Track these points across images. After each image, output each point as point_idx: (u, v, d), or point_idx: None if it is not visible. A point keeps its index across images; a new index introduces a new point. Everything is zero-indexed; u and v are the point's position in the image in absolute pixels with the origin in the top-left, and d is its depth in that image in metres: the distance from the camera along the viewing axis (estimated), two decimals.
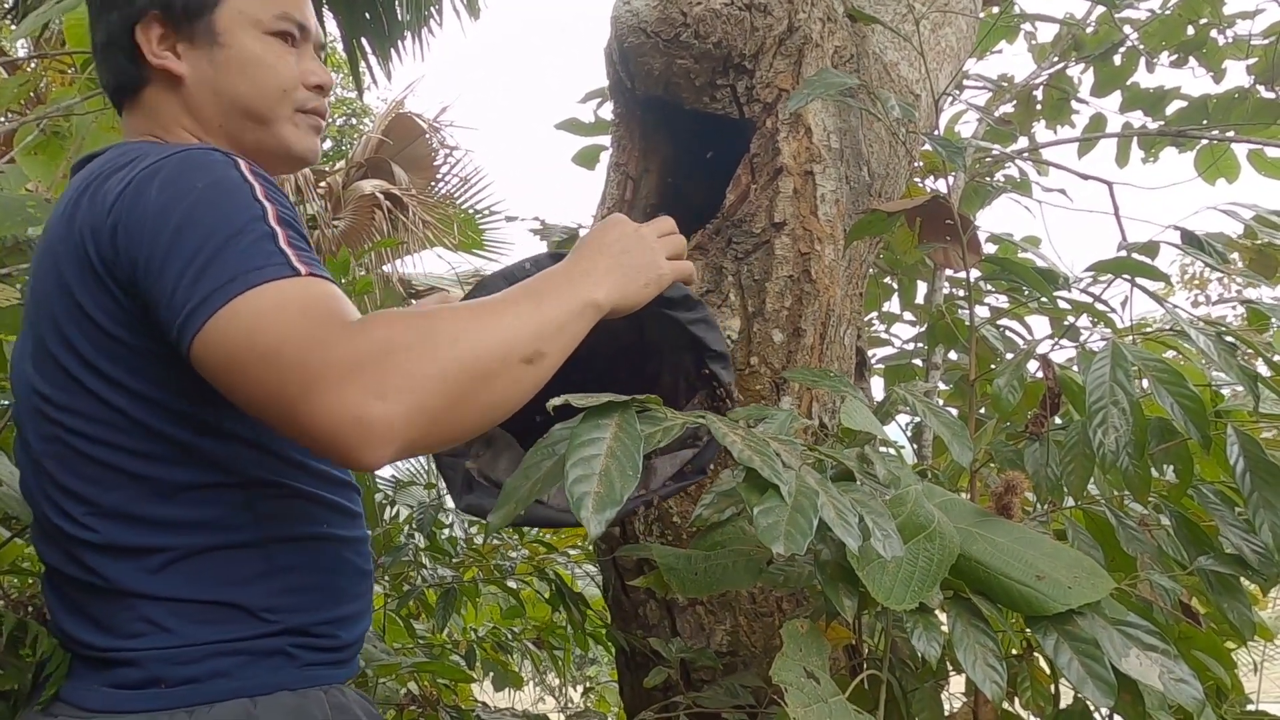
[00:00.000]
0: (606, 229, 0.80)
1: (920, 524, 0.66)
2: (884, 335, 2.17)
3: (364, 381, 0.61)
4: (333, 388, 0.60)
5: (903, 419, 1.76)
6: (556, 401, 0.61)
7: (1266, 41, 2.16)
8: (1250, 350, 0.89)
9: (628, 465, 0.56)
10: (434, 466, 1.92)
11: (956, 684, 1.02)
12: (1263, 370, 1.01)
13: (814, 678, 0.64)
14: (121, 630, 0.70)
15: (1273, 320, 1.04)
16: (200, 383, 0.68)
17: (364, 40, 3.90)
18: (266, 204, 0.69)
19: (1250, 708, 1.00)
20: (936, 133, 1.56)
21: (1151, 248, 1.05)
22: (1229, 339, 0.81)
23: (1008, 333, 1.64)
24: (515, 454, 0.90)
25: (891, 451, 0.72)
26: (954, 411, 1.68)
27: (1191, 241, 1.04)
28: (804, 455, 0.67)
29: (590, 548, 1.79)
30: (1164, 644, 0.65)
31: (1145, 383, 0.85)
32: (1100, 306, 1.20)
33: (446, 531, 1.82)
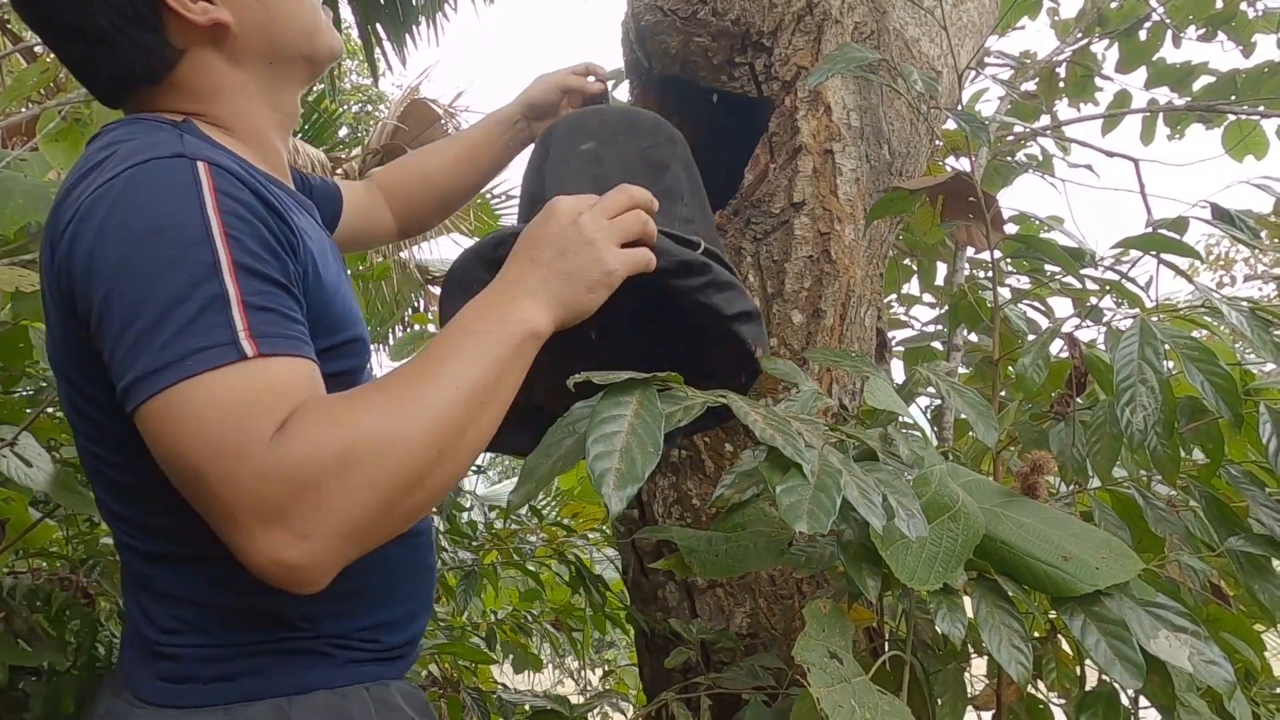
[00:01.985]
0: (542, 224, 0.71)
1: (944, 504, 0.65)
2: (903, 317, 2.15)
3: (283, 524, 0.57)
4: (251, 531, 0.57)
5: (923, 401, 1.75)
6: (579, 378, 0.59)
7: None
8: None
9: (649, 443, 0.55)
10: None
11: (978, 666, 1.01)
12: None
13: (837, 658, 0.64)
14: (162, 625, 0.70)
15: None
16: None
17: (379, 26, 3.90)
18: (222, 246, 0.61)
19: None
20: (959, 109, 1.54)
21: (1181, 224, 1.03)
22: (1261, 315, 0.79)
23: (1030, 313, 1.62)
24: (554, 380, 0.83)
25: (915, 433, 0.71)
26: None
27: (1222, 216, 1.02)
28: (826, 435, 0.66)
29: (609, 531, 1.79)
30: (1194, 625, 0.64)
31: (1172, 363, 0.84)
32: (1133, 283, 1.17)
33: (466, 515, 1.83)
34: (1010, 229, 1.82)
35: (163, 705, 0.68)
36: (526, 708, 1.09)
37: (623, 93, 1.52)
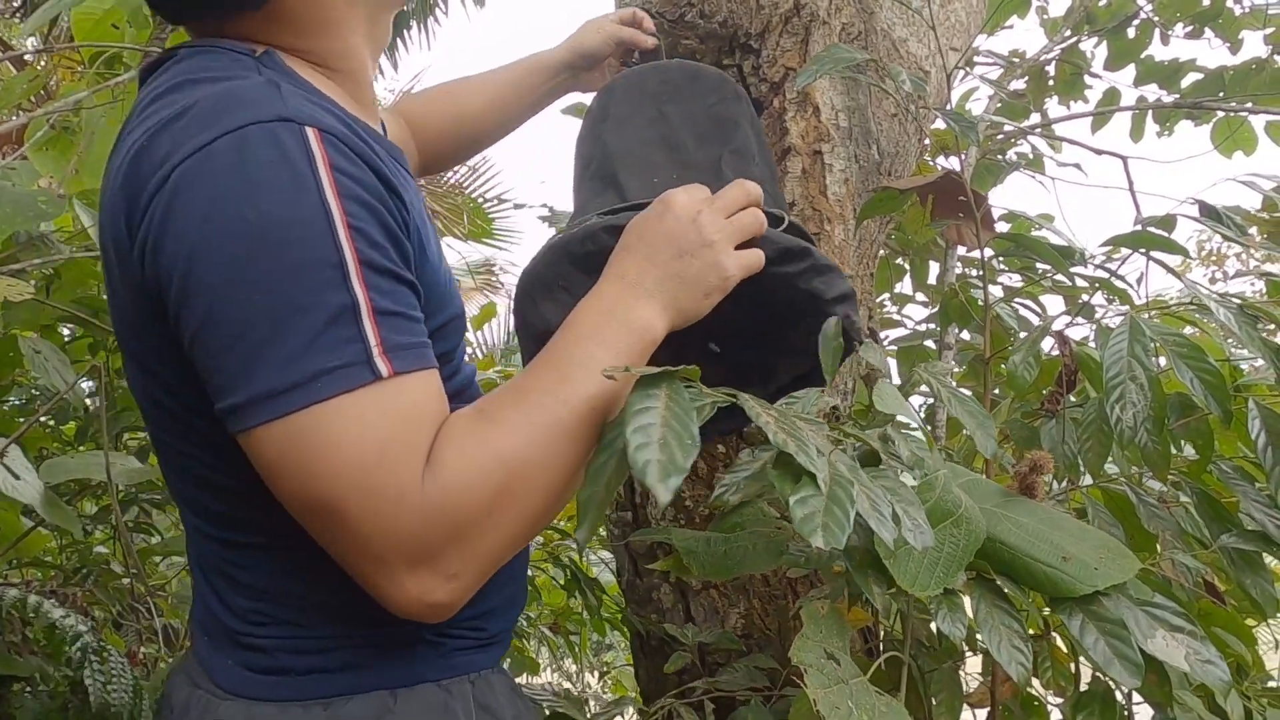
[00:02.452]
0: (658, 220, 0.67)
1: (948, 509, 0.65)
2: (896, 316, 2.15)
3: (433, 566, 0.53)
4: (397, 574, 0.53)
5: (915, 400, 1.75)
6: (610, 370, 0.57)
7: None
8: (1273, 324, 0.88)
9: (685, 435, 0.52)
10: None
11: (973, 664, 1.01)
12: None
13: (834, 659, 0.63)
14: (245, 615, 0.64)
15: None
16: None
17: None
18: (347, 241, 0.53)
19: (1272, 684, 0.99)
20: (948, 109, 1.54)
21: (1169, 221, 1.03)
22: (1250, 312, 0.79)
23: (1022, 311, 1.63)
24: None
25: (918, 434, 0.71)
26: (965, 392, 1.66)
27: (1210, 214, 1.03)
28: (831, 437, 0.65)
29: (604, 533, 1.79)
30: (1190, 625, 0.64)
31: (1163, 360, 0.84)
32: (1122, 280, 1.18)
33: None
34: (1001, 227, 1.83)
35: (253, 698, 0.62)
36: (545, 709, 1.08)
37: None
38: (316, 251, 0.52)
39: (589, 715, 1.02)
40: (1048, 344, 1.02)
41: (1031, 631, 0.93)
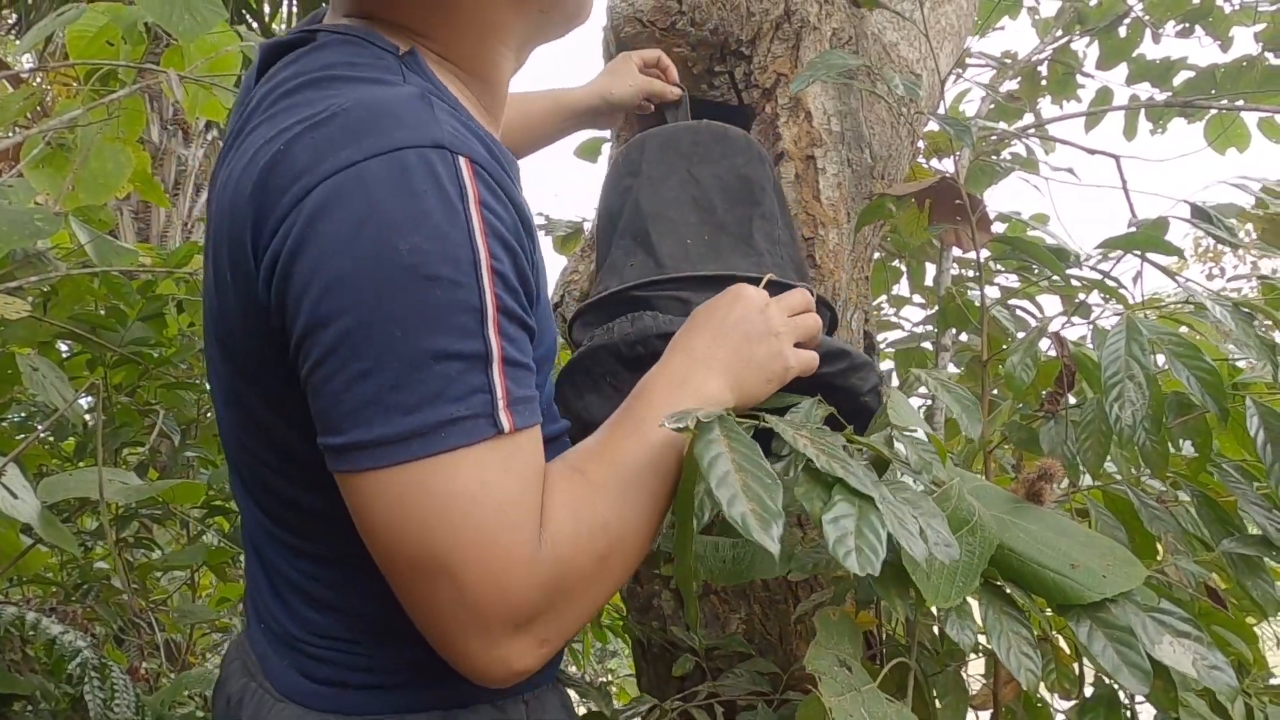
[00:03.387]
0: (729, 306, 0.68)
1: (963, 518, 0.64)
2: (894, 319, 2.16)
3: (530, 631, 0.52)
4: (496, 638, 0.51)
5: (914, 402, 1.75)
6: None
7: (1274, 8, 2.12)
8: (1269, 322, 0.88)
9: (761, 474, 0.51)
10: None
11: (975, 666, 1.01)
12: None
13: (846, 666, 0.63)
14: (309, 626, 0.63)
15: None
16: None
17: None
18: (489, 286, 0.51)
19: (1274, 681, 0.99)
20: (942, 112, 1.55)
21: (1162, 223, 1.04)
22: (1245, 310, 0.79)
23: (1019, 312, 1.63)
24: None
25: (922, 437, 0.70)
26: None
27: (1201, 216, 1.03)
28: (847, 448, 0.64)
29: None
30: (1197, 630, 0.63)
31: (1161, 359, 0.84)
32: (1111, 283, 1.18)
33: None
34: (998, 228, 1.83)
35: (309, 707, 0.61)
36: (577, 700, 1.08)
37: None
38: (462, 295, 0.50)
39: (612, 713, 1.01)
40: (1046, 345, 1.02)
41: (1036, 633, 0.93)
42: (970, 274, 1.95)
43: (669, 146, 0.93)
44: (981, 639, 0.99)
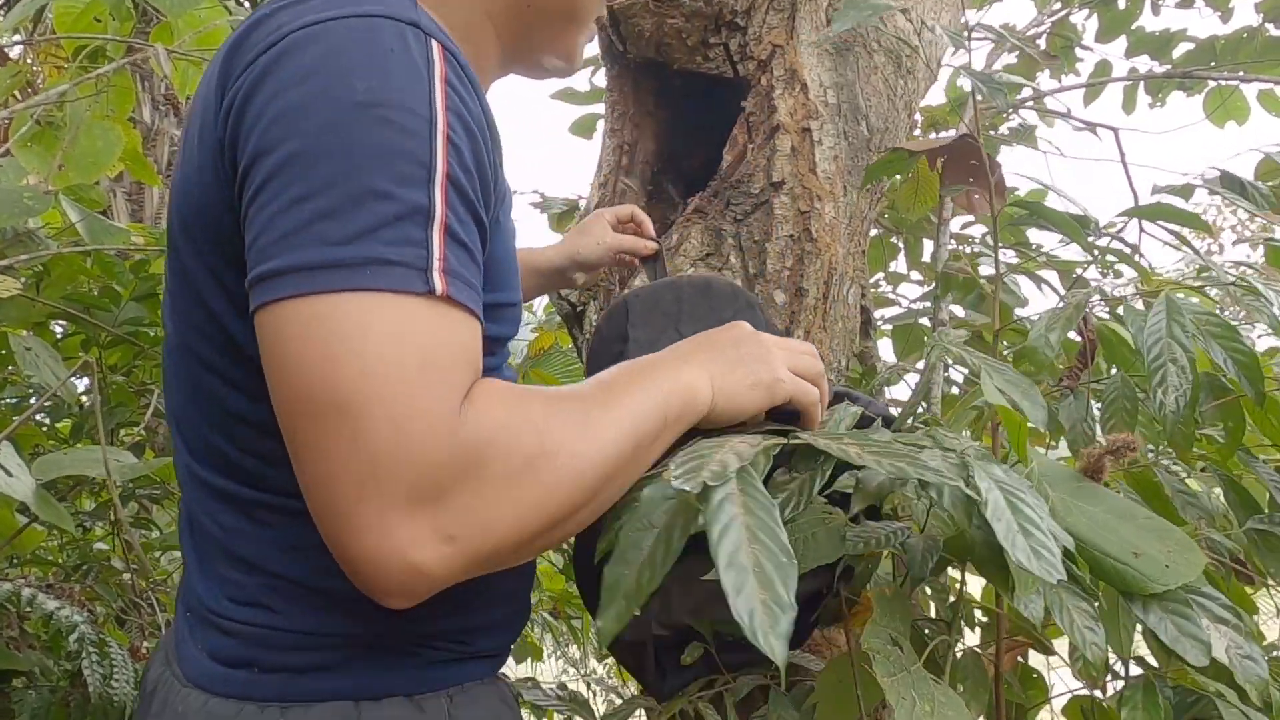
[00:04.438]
0: (724, 330, 0.65)
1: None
2: (891, 295, 2.15)
3: (431, 515, 0.46)
4: (396, 512, 0.45)
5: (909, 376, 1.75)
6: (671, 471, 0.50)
7: None
8: None
9: (776, 548, 0.45)
10: None
11: (970, 640, 1.02)
12: None
13: (898, 645, 0.63)
14: (228, 590, 0.60)
15: None
16: None
17: None
18: (441, 148, 0.50)
19: (1276, 654, 0.99)
20: (935, 86, 1.53)
21: (1187, 191, 1.01)
22: (1249, 284, 0.78)
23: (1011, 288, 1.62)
24: (685, 584, 0.68)
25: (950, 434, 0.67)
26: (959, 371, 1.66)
27: (1231, 184, 1.00)
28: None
29: None
30: (1235, 619, 0.63)
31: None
32: (1136, 251, 1.15)
33: None
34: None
35: (214, 693, 0.58)
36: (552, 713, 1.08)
37: (599, 78, 1.52)
38: (411, 145, 0.49)
39: (600, 717, 1.00)
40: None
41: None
42: (968, 250, 1.93)
43: (652, 308, 0.90)
44: (976, 613, 0.99)
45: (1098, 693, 0.83)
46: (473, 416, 0.48)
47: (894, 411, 0.82)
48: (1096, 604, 0.64)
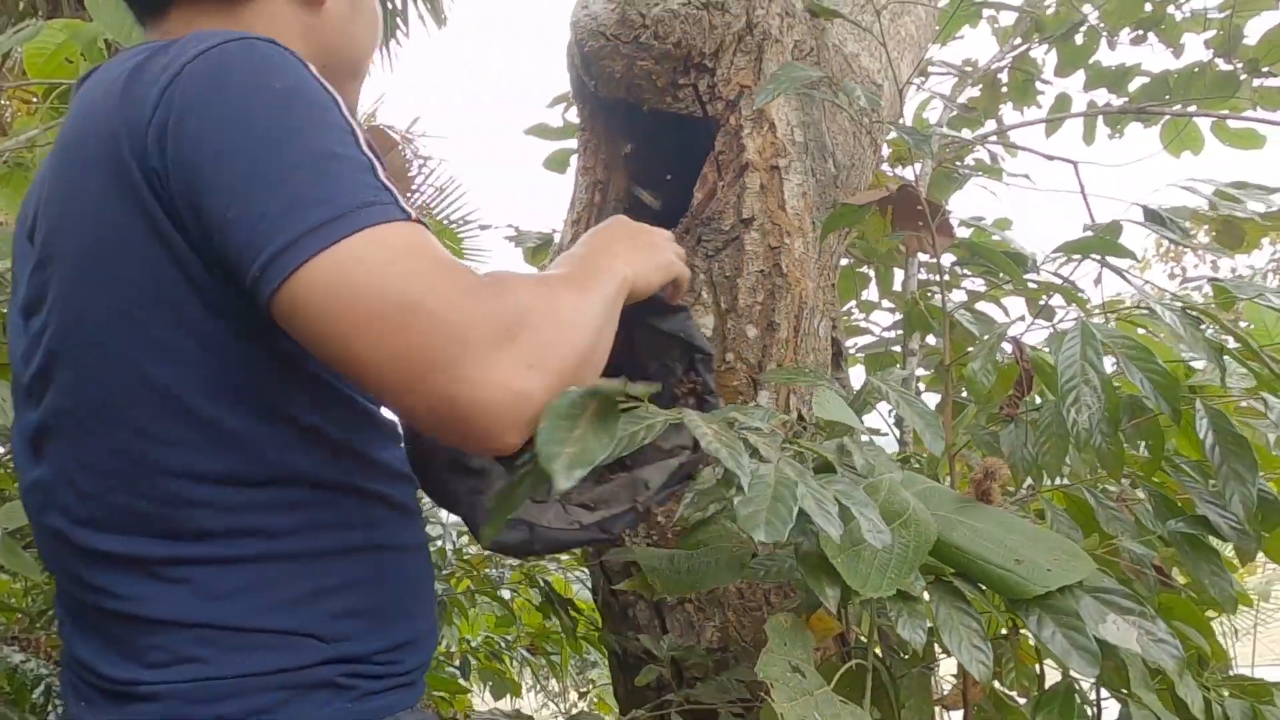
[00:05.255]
0: (612, 222, 0.77)
1: (896, 511, 0.66)
2: (863, 324, 2.18)
3: (518, 348, 0.54)
4: (488, 352, 0.52)
5: (885, 406, 1.77)
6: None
7: (1223, 15, 2.18)
8: (1219, 324, 0.90)
9: (605, 435, 0.53)
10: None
11: (947, 666, 1.03)
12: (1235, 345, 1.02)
13: (799, 671, 0.64)
14: (140, 659, 0.59)
15: (1239, 293, 1.06)
16: (250, 338, 0.57)
17: None
18: (349, 120, 0.58)
19: (1244, 671, 1.01)
20: (903, 121, 1.57)
21: (1115, 227, 1.06)
22: (1194, 313, 0.82)
23: (984, 316, 1.66)
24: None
25: (871, 439, 0.72)
26: (934, 396, 1.69)
27: (1153, 218, 1.06)
28: (784, 448, 0.67)
29: (580, 552, 1.79)
30: (1140, 606, 0.65)
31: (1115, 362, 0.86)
32: (1071, 286, 1.20)
33: (435, 544, 1.82)
34: (964, 232, 1.86)
35: None
36: None
37: (572, 114, 1.54)
38: (332, 116, 0.57)
39: None
40: (1009, 349, 1.04)
41: (1004, 631, 0.95)
42: (937, 278, 1.97)
43: None
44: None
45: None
46: (498, 281, 0.57)
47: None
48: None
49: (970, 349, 1.23)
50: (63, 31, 1.42)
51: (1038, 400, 1.04)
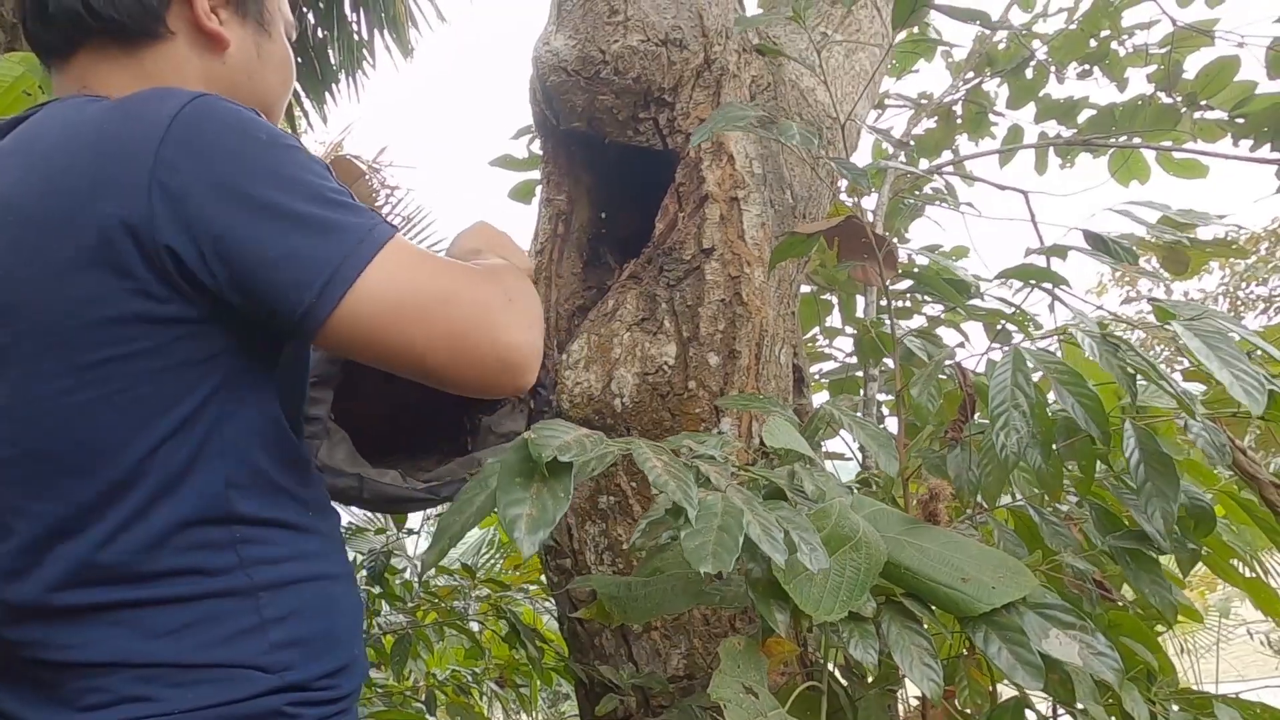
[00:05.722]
0: (488, 230, 0.94)
1: (845, 535, 0.68)
2: (826, 350, 2.22)
3: (517, 312, 0.70)
4: (504, 316, 0.68)
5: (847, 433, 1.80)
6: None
7: (1164, 50, 2.28)
8: (1134, 351, 0.93)
9: (559, 489, 0.57)
10: (383, 516, 1.91)
11: (915, 688, 1.04)
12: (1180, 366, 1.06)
13: (752, 693, 0.65)
14: (73, 703, 0.60)
15: (1179, 314, 1.10)
16: (199, 379, 0.62)
17: (297, 85, 3.89)
18: (316, 159, 0.68)
19: (1209, 689, 1.03)
20: (858, 152, 1.61)
21: (1059, 250, 1.10)
22: (1111, 341, 0.85)
23: (937, 340, 1.69)
24: (349, 449, 0.93)
25: (824, 464, 0.74)
26: (894, 420, 1.72)
27: (1095, 243, 1.09)
28: (734, 476, 0.68)
29: (546, 582, 1.78)
30: (1080, 620, 0.67)
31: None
32: (1022, 312, 1.24)
33: (401, 577, 1.80)
34: (921, 260, 1.91)
35: None
36: None
37: (537, 146, 1.56)
38: (308, 157, 0.66)
39: None
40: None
41: (964, 652, 0.96)
42: (899, 305, 2.02)
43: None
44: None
45: None
46: (487, 270, 0.73)
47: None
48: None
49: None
50: (21, 64, 1.41)
51: (984, 421, 1.07)
